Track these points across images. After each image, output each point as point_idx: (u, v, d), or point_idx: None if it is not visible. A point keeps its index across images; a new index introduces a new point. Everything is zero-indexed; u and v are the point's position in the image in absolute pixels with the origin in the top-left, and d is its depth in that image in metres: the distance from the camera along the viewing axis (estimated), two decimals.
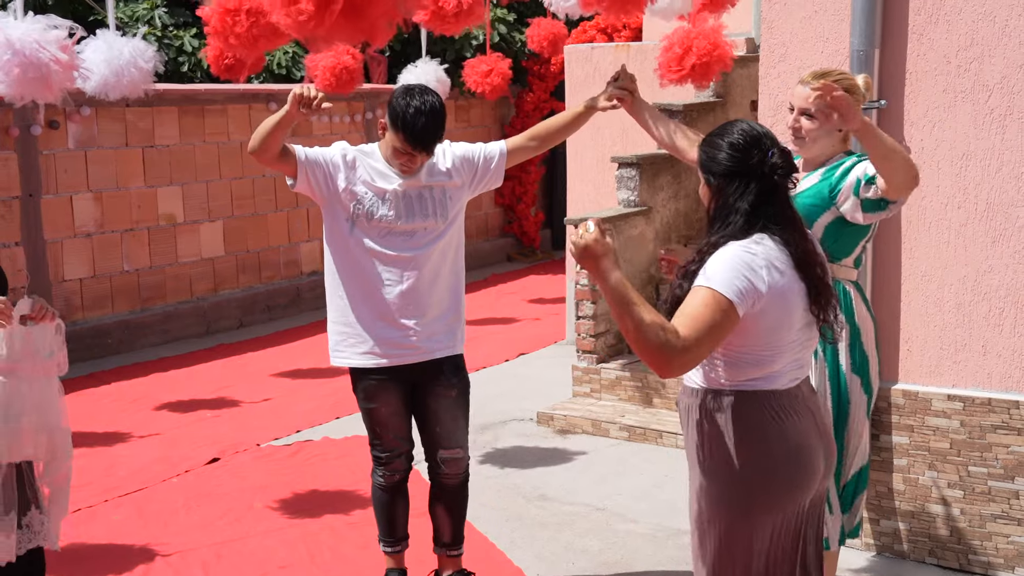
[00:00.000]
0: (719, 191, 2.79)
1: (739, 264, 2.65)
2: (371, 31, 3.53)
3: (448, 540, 4.20)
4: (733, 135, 2.78)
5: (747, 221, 2.73)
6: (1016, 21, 4.06)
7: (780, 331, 2.72)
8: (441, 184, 3.94)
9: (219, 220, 9.93)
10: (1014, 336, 4.16)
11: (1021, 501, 4.18)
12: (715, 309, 2.60)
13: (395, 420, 4.04)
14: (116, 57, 5.71)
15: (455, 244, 4.01)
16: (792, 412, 2.77)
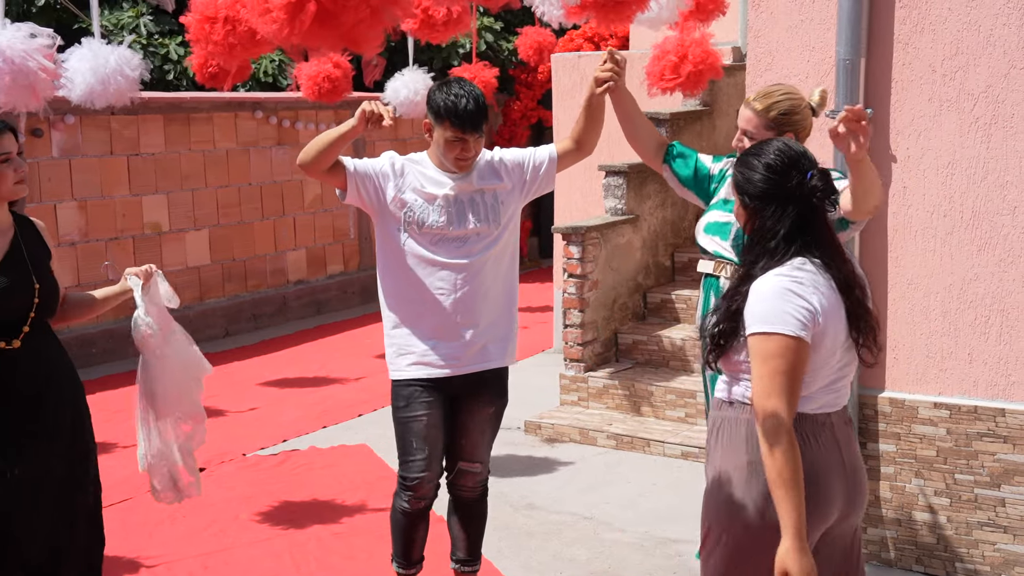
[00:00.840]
0: (756, 213, 2.70)
1: (786, 294, 2.57)
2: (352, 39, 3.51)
3: (464, 556, 4.11)
4: (770, 156, 2.68)
5: (786, 246, 2.64)
6: (1001, 31, 4.08)
7: (825, 354, 2.64)
8: (492, 187, 3.84)
9: (205, 228, 9.90)
10: (1000, 344, 4.17)
11: (1007, 509, 4.19)
12: (786, 354, 2.52)
13: (434, 433, 3.84)
14: (102, 65, 5.68)
15: (509, 251, 3.91)
16: (812, 438, 2.67)
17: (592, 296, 6.80)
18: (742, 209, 2.76)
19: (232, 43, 4.80)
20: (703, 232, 3.83)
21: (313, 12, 3.32)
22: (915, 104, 4.27)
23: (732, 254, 3.69)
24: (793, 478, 2.50)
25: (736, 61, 7.81)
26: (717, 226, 3.78)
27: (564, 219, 8.25)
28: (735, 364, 2.75)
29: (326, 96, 7.96)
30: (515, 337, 3.97)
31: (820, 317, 2.58)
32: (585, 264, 6.76)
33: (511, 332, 3.93)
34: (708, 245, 3.79)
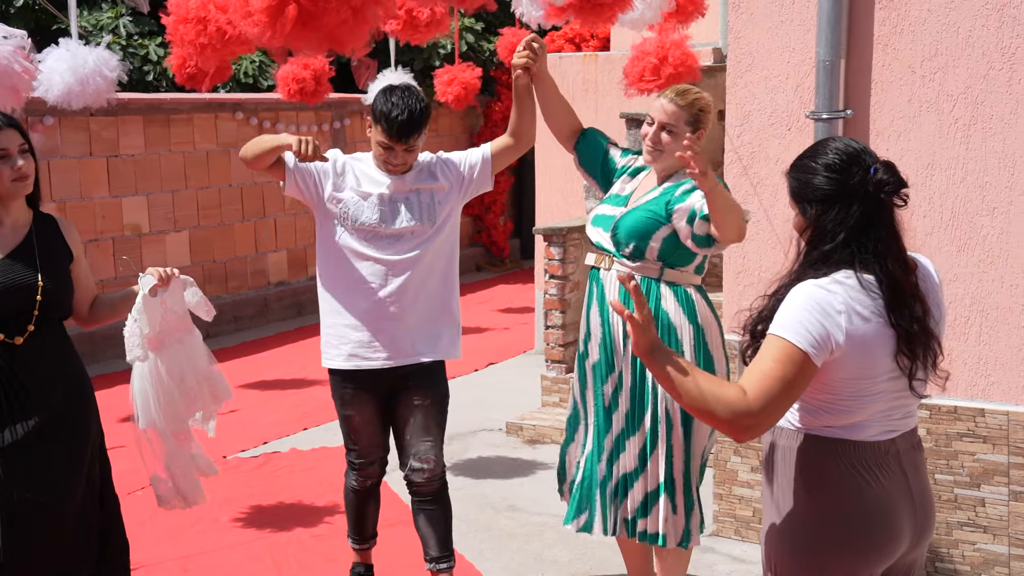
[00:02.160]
0: (816, 220, 2.45)
1: (814, 307, 2.35)
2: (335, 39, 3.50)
3: (436, 553, 4.11)
4: (828, 155, 2.46)
5: (839, 251, 2.41)
6: (979, 32, 4.10)
7: (861, 381, 2.41)
8: (428, 187, 3.95)
9: (185, 230, 9.86)
10: (979, 344, 4.19)
11: (987, 509, 4.20)
12: (787, 363, 2.33)
13: (369, 428, 4.07)
14: (81, 66, 5.65)
15: (446, 250, 4.01)
16: (875, 468, 2.45)
17: (573, 297, 6.80)
18: (801, 218, 2.52)
19: (204, 43, 4.78)
20: (591, 225, 3.86)
21: (294, 14, 3.31)
22: (895, 105, 4.28)
23: (612, 246, 3.73)
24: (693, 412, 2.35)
25: (717, 62, 7.81)
26: (603, 219, 3.80)
27: (545, 220, 8.25)
28: None
29: (303, 97, 7.93)
30: (453, 333, 4.06)
31: (841, 341, 2.36)
32: (566, 265, 6.76)
33: (447, 328, 4.03)
34: (593, 236, 3.82)
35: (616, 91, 7.43)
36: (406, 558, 4.59)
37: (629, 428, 3.77)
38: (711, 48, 7.92)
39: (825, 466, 2.46)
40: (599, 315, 3.79)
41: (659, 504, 3.75)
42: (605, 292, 3.77)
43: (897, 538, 2.49)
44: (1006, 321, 4.14)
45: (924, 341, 2.44)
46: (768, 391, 2.32)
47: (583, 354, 3.89)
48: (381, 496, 4.31)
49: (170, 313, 3.50)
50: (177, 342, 3.54)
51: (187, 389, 3.55)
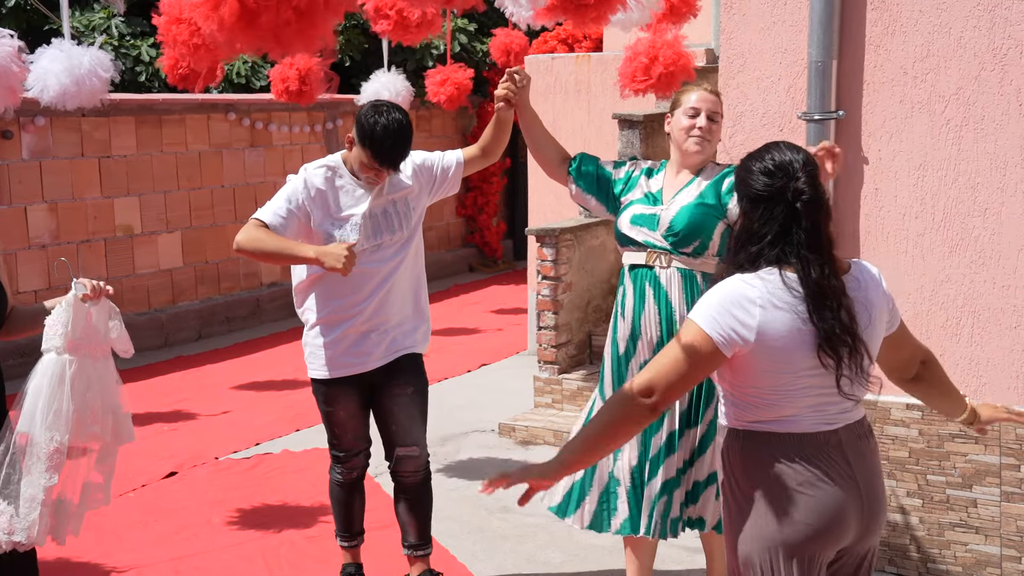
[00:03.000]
0: (745, 215, 2.65)
1: (731, 300, 2.51)
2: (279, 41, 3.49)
3: (415, 540, 4.25)
4: (764, 160, 2.63)
5: (763, 250, 2.56)
6: (971, 33, 4.10)
7: (781, 375, 2.53)
8: (403, 194, 4.05)
9: (177, 231, 9.84)
10: (971, 345, 4.20)
11: (979, 510, 4.21)
12: (693, 348, 2.51)
13: (353, 422, 4.14)
14: (76, 66, 5.64)
15: (416, 249, 4.14)
16: (816, 458, 2.55)
17: (566, 298, 6.80)
18: (740, 212, 2.70)
19: (196, 44, 4.76)
20: (629, 224, 3.80)
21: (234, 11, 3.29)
22: (887, 106, 4.29)
23: (665, 243, 3.71)
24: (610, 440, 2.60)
25: (709, 63, 7.82)
26: (644, 217, 3.77)
27: (538, 221, 8.25)
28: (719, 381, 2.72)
29: (296, 97, 7.91)
30: (425, 324, 4.19)
31: (751, 336, 2.49)
32: (559, 266, 6.76)
33: (420, 321, 4.16)
34: (637, 236, 3.77)
35: (609, 92, 7.43)
36: (396, 560, 4.58)
37: (683, 426, 3.75)
38: (703, 49, 7.92)
39: (762, 458, 2.58)
40: (658, 313, 3.73)
41: (709, 490, 3.78)
42: (666, 291, 3.71)
43: (841, 526, 2.57)
44: (998, 322, 4.14)
45: (849, 343, 2.52)
46: (671, 370, 2.51)
47: (626, 355, 3.81)
48: (369, 498, 4.38)
49: (92, 329, 3.32)
50: (91, 359, 3.32)
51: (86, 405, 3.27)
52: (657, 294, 3.74)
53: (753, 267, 2.57)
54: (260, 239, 3.84)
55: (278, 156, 10.86)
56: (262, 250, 3.85)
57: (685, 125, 3.78)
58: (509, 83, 3.88)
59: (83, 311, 3.31)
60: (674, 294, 3.71)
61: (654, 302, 3.75)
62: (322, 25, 3.36)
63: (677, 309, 3.70)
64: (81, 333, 3.30)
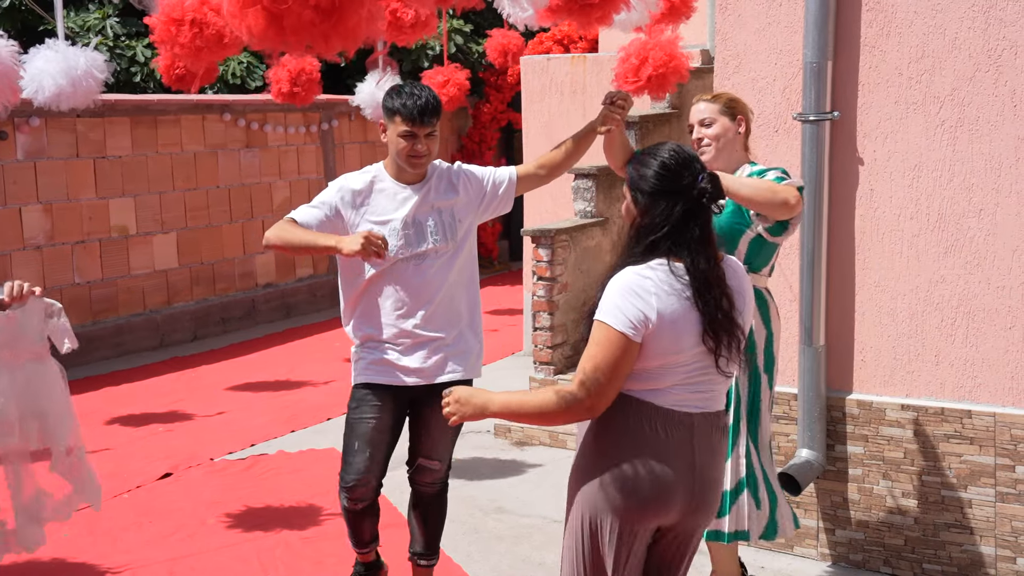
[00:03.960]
0: (645, 210, 2.75)
1: (629, 292, 2.65)
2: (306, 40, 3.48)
3: (420, 549, 4.18)
4: (664, 155, 2.75)
5: (657, 243, 2.70)
6: (966, 34, 4.11)
7: (667, 355, 2.67)
8: (449, 204, 3.90)
9: (172, 231, 9.83)
10: (966, 346, 4.20)
11: (974, 510, 4.21)
12: (609, 345, 2.63)
13: (378, 437, 3.89)
14: (73, 67, 5.65)
15: (469, 267, 3.97)
16: (663, 431, 2.70)
17: (562, 299, 6.80)
18: (632, 205, 2.80)
19: (199, 46, 4.75)
20: None
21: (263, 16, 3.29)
22: (882, 107, 4.29)
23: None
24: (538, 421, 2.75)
25: (705, 64, 7.83)
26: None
27: (533, 222, 8.24)
28: None
29: (293, 98, 7.90)
30: (480, 350, 4.03)
31: (653, 318, 2.63)
32: (554, 267, 6.76)
33: (475, 345, 4.00)
34: None
35: (605, 92, 7.43)
36: (402, 558, 4.58)
37: None
38: (699, 50, 7.93)
39: (618, 421, 2.72)
40: None
41: (741, 500, 3.76)
42: None
43: (666, 503, 2.73)
44: (993, 323, 4.15)
45: (727, 327, 2.72)
46: (594, 372, 2.62)
47: None
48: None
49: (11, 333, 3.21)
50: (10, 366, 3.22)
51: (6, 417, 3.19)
52: None
53: (644, 259, 2.70)
54: (286, 232, 3.78)
55: (273, 157, 10.85)
56: (288, 242, 3.76)
57: (692, 143, 3.86)
58: (618, 109, 3.82)
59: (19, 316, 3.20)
60: None
61: None
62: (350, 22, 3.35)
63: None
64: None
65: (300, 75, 7.81)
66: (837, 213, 4.39)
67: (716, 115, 3.83)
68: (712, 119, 3.83)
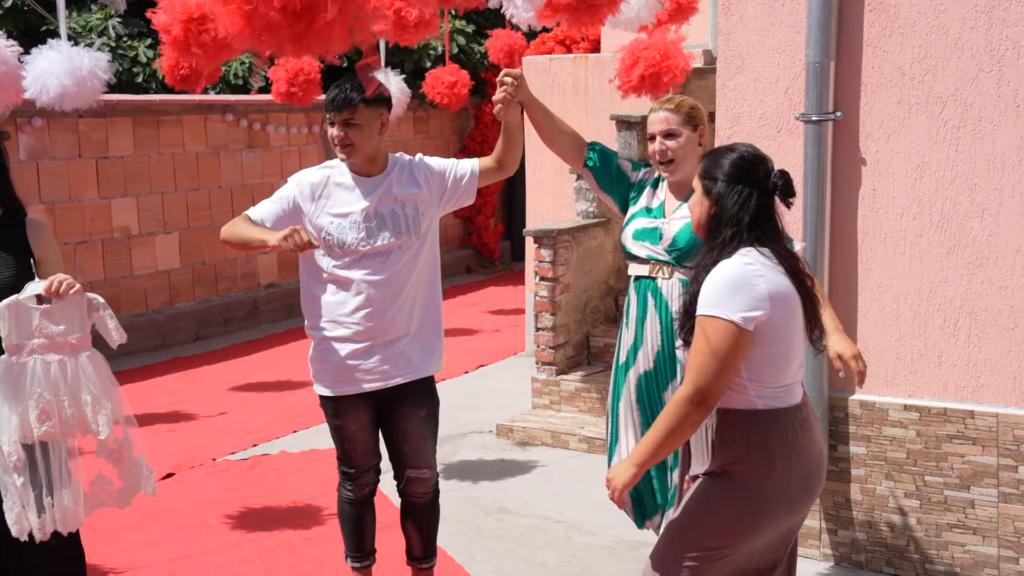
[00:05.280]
0: (719, 199, 2.85)
1: (735, 282, 2.73)
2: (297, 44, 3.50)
3: (419, 554, 4.17)
4: (742, 148, 2.90)
5: (740, 233, 2.80)
6: (968, 34, 4.10)
7: (782, 337, 2.78)
8: (412, 197, 3.87)
9: (175, 232, 9.83)
10: (968, 346, 4.20)
11: (977, 510, 4.21)
12: (718, 338, 2.69)
13: (363, 435, 3.98)
14: (78, 67, 5.66)
15: (431, 262, 3.94)
16: (800, 433, 2.84)
17: (564, 299, 6.80)
18: (705, 197, 2.88)
19: (220, 45, 4.72)
20: (632, 240, 3.82)
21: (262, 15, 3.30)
22: (884, 107, 4.29)
23: (666, 256, 3.73)
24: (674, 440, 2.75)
25: (707, 64, 7.82)
26: (646, 232, 3.79)
27: (536, 222, 8.24)
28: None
29: (294, 98, 7.90)
30: (440, 344, 4.02)
31: (766, 303, 2.72)
32: (556, 267, 6.76)
33: (436, 340, 3.99)
34: (640, 251, 3.79)
35: (607, 93, 7.43)
36: (397, 561, 4.58)
37: None
38: (701, 50, 7.93)
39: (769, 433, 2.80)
40: (659, 322, 3.73)
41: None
42: (667, 301, 3.72)
43: (813, 496, 2.89)
44: (995, 323, 4.15)
45: (815, 305, 2.89)
46: (706, 367, 2.69)
47: (625, 364, 3.83)
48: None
49: (45, 327, 3.29)
50: (41, 360, 3.30)
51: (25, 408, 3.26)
52: (659, 304, 3.75)
53: (729, 250, 2.79)
54: (236, 228, 3.81)
55: (275, 157, 10.86)
56: (233, 237, 3.81)
57: (651, 152, 3.81)
58: (503, 87, 3.79)
59: (27, 312, 3.28)
60: (675, 304, 3.70)
61: (655, 311, 3.75)
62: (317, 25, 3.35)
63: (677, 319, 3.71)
64: (34, 332, 3.28)
65: (298, 76, 7.80)
66: (840, 213, 4.38)
67: (679, 126, 3.74)
68: (676, 131, 3.74)
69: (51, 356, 3.30)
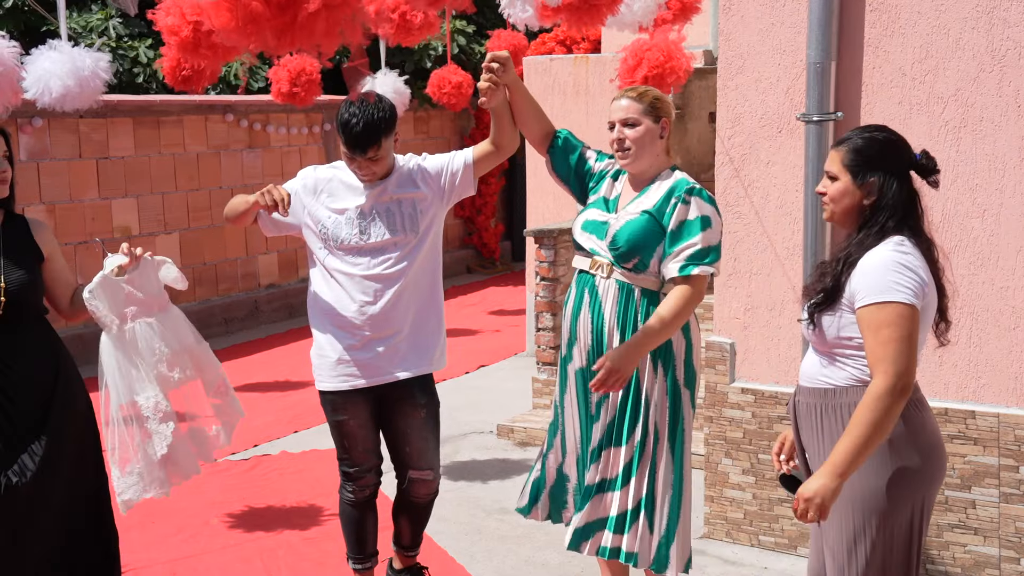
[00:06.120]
0: (880, 188, 2.79)
1: (899, 265, 2.69)
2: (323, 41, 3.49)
3: (407, 543, 4.22)
4: (887, 132, 2.84)
5: (896, 223, 2.77)
6: (969, 35, 4.10)
7: (927, 327, 2.82)
8: (411, 196, 3.88)
9: (175, 232, 9.84)
10: (970, 347, 4.20)
11: (978, 511, 4.21)
12: (901, 321, 2.66)
13: (363, 432, 3.98)
14: (80, 68, 5.67)
15: (431, 261, 3.95)
16: (926, 411, 2.87)
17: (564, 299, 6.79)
18: (851, 183, 2.82)
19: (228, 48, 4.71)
20: (580, 229, 3.72)
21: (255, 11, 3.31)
22: (885, 107, 4.28)
23: (608, 254, 3.59)
24: (873, 433, 2.65)
25: (707, 64, 7.83)
26: (595, 224, 3.67)
27: (536, 222, 8.25)
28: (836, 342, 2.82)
29: (291, 98, 7.90)
30: (441, 342, 4.02)
31: (928, 289, 2.72)
32: (557, 267, 6.75)
33: (436, 338, 3.99)
34: (585, 243, 3.68)
35: (607, 93, 7.43)
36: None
37: (607, 440, 3.63)
38: (702, 50, 7.93)
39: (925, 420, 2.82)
40: (590, 322, 3.63)
41: (638, 522, 3.60)
42: (601, 301, 3.61)
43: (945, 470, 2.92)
44: (996, 323, 4.14)
45: (944, 297, 2.88)
46: (901, 352, 2.64)
47: (566, 357, 3.78)
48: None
49: (134, 294, 3.57)
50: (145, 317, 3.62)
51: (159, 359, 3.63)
52: (593, 303, 3.63)
53: (879, 240, 2.75)
54: (232, 203, 3.93)
55: (276, 157, 10.86)
56: (232, 211, 3.92)
57: (609, 141, 3.69)
58: (488, 74, 3.73)
59: (115, 285, 3.53)
60: (608, 306, 3.59)
61: (589, 310, 3.64)
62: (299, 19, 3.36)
63: (608, 321, 3.58)
64: (125, 301, 3.56)
65: (300, 75, 7.80)
66: None
67: (640, 116, 3.60)
68: (636, 120, 3.60)
69: (148, 318, 3.61)
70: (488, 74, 3.74)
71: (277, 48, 3.60)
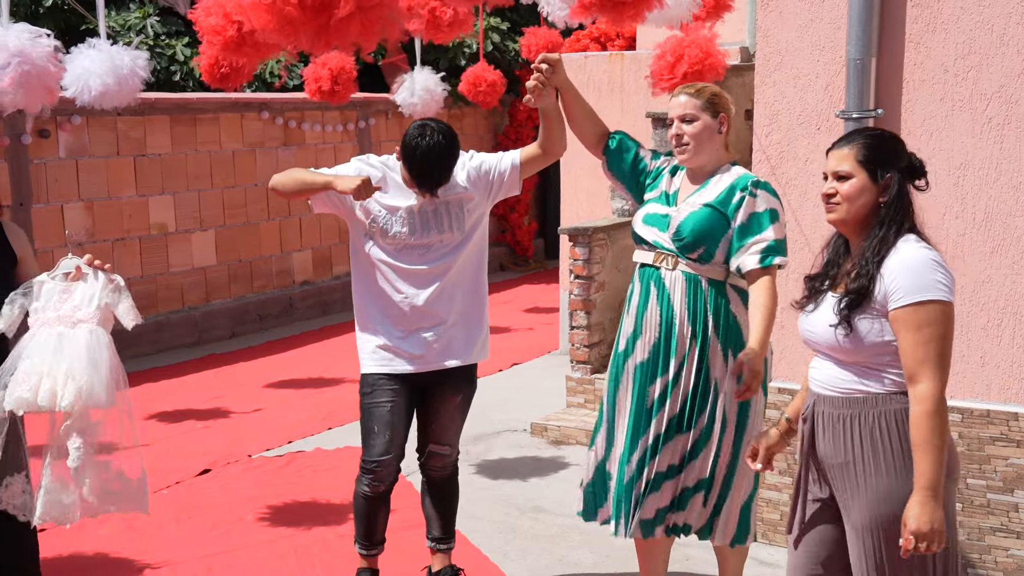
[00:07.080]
0: (898, 185, 2.76)
1: (932, 263, 2.67)
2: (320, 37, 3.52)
3: (438, 534, 4.30)
4: (887, 131, 2.85)
5: (910, 222, 2.77)
6: (1014, 30, 4.04)
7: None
8: (458, 197, 4.00)
9: (211, 229, 9.89)
10: (1012, 347, 4.13)
11: (1020, 514, 4.14)
12: (944, 319, 2.64)
13: (396, 420, 4.04)
14: (120, 66, 5.72)
15: (476, 255, 4.08)
16: None
17: (599, 298, 6.77)
18: (867, 181, 2.77)
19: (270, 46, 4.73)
20: (641, 223, 3.77)
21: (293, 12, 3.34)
22: (927, 104, 4.23)
23: (672, 245, 3.66)
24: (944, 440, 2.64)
25: (744, 61, 7.76)
26: (656, 217, 3.73)
27: (570, 220, 8.22)
28: (878, 347, 2.73)
29: (328, 96, 7.92)
30: (484, 334, 4.14)
31: (952, 290, 2.70)
32: (592, 265, 6.73)
33: (479, 330, 4.11)
34: (647, 236, 3.73)
35: (642, 90, 7.39)
36: (410, 564, 4.57)
37: (671, 430, 3.69)
38: (738, 47, 7.87)
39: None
40: (659, 315, 3.67)
41: (698, 497, 3.73)
42: (669, 293, 3.66)
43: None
44: None
45: None
46: (945, 353, 2.63)
47: (624, 352, 3.78)
48: (398, 498, 4.33)
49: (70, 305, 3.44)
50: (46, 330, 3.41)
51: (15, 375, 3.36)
52: (661, 295, 3.68)
53: (897, 238, 2.73)
54: (294, 173, 3.99)
55: (311, 155, 10.89)
56: (293, 181, 3.95)
57: (669, 136, 3.76)
58: (537, 74, 3.78)
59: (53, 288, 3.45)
60: (676, 297, 3.65)
61: (657, 303, 3.68)
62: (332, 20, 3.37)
63: (678, 313, 3.64)
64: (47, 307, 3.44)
65: (341, 74, 7.83)
66: None
67: (698, 111, 3.67)
68: (694, 115, 3.67)
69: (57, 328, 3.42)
70: (535, 75, 3.78)
71: (314, 48, 3.62)
